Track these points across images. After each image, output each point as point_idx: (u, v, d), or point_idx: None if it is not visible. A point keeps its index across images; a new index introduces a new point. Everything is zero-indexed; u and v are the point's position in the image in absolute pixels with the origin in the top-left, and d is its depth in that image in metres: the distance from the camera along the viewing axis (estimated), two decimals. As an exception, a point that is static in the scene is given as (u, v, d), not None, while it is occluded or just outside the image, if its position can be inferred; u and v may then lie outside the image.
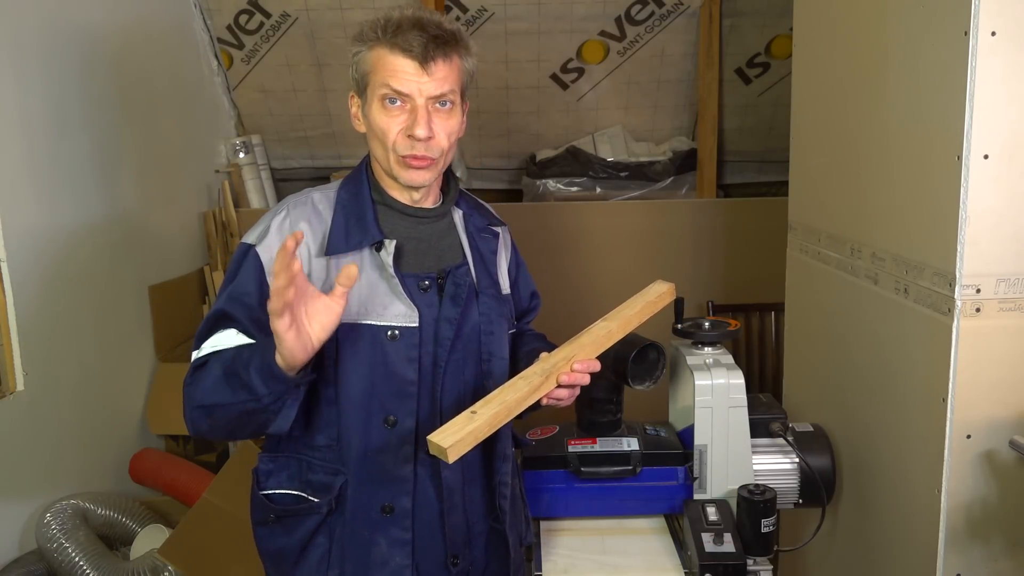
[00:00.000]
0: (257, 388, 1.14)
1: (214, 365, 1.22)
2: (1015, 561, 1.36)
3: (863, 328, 1.66)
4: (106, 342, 2.54)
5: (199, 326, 1.30)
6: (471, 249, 1.39)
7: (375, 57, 1.26)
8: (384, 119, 1.27)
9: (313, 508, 1.31)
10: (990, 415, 1.33)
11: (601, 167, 3.40)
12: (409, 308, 1.28)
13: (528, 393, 1.22)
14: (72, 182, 2.40)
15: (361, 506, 1.30)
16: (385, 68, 1.25)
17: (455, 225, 1.40)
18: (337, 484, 1.30)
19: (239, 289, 1.27)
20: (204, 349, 1.26)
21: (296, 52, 3.26)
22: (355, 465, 1.29)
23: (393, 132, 1.27)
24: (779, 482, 1.53)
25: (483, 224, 1.44)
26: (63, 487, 2.26)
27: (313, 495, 1.31)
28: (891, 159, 1.52)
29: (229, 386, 1.18)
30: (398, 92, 1.25)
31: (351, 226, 1.30)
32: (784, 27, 3.15)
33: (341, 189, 1.36)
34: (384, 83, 1.25)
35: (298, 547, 1.32)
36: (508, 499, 1.38)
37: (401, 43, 1.23)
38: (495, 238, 1.45)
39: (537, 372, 1.26)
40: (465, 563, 1.37)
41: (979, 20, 1.23)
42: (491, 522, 1.40)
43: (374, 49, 1.26)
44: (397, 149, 1.28)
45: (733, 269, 3.32)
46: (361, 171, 1.38)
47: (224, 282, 1.31)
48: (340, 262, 1.27)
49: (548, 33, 3.18)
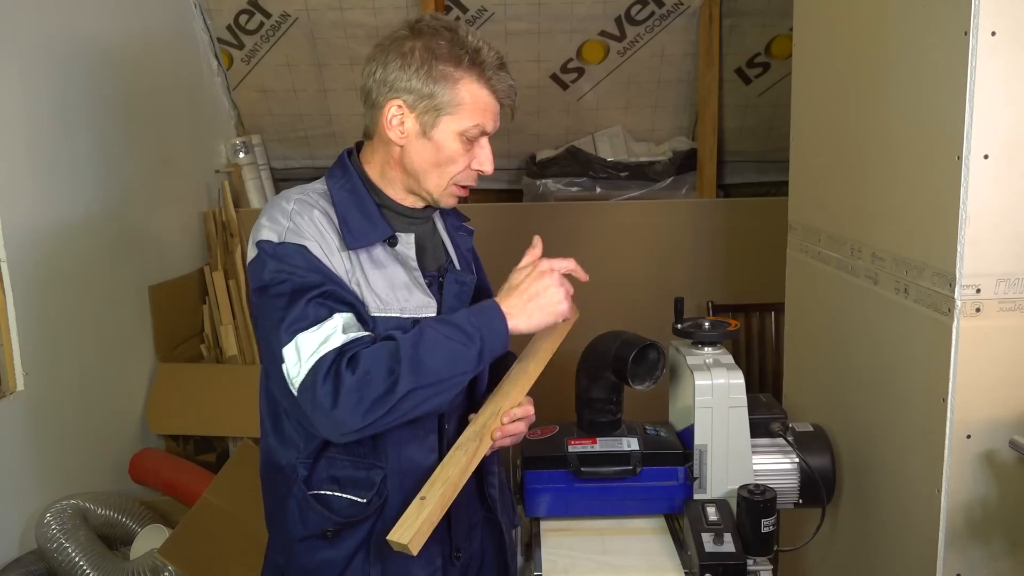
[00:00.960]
0: (478, 350, 1.18)
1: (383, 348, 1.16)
2: (1015, 561, 1.36)
3: (863, 328, 1.66)
4: (106, 342, 2.54)
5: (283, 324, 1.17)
6: (454, 248, 1.43)
7: (474, 92, 1.27)
8: (460, 151, 1.28)
9: (365, 510, 1.28)
10: (990, 415, 1.33)
11: (601, 167, 3.39)
12: (429, 298, 1.29)
13: (468, 462, 1.23)
14: (72, 182, 2.40)
15: (398, 502, 1.28)
16: (478, 105, 1.27)
17: (437, 226, 1.44)
18: (377, 479, 1.29)
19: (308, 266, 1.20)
20: (336, 340, 1.15)
21: (296, 52, 3.26)
22: (393, 459, 1.28)
23: (463, 164, 1.30)
24: (779, 482, 1.53)
25: (458, 223, 1.48)
26: (63, 487, 2.26)
27: (354, 493, 1.28)
28: (891, 159, 1.52)
29: (439, 352, 1.16)
30: (485, 133, 1.29)
31: (359, 222, 1.29)
32: (784, 27, 3.15)
33: (334, 189, 1.32)
34: (479, 123, 1.27)
35: (345, 560, 1.30)
36: (496, 487, 1.41)
37: (498, 85, 1.28)
38: (469, 235, 1.49)
39: (470, 437, 1.27)
40: (466, 556, 1.39)
41: (979, 20, 1.23)
42: (484, 512, 1.43)
43: (471, 83, 1.26)
44: (459, 180, 1.31)
45: (733, 269, 3.32)
46: (349, 169, 1.34)
47: (274, 285, 1.20)
48: (360, 256, 1.27)
49: (548, 33, 3.18)
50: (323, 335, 1.16)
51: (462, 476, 1.22)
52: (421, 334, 1.17)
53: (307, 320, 1.17)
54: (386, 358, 1.15)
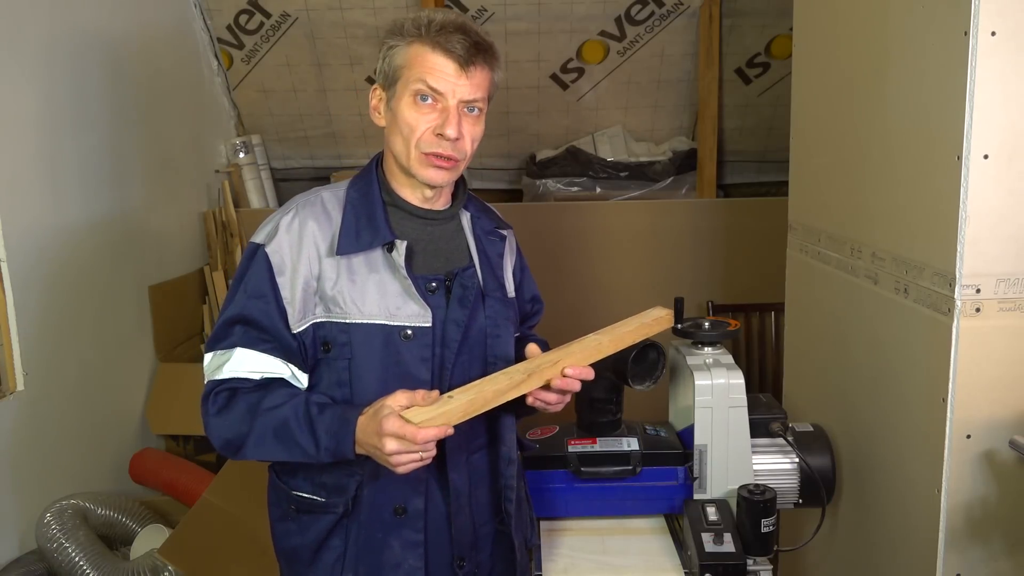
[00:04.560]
0: (325, 460, 1.21)
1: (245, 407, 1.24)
2: (1015, 561, 1.36)
3: (863, 328, 1.66)
4: (106, 342, 2.54)
5: (214, 328, 1.30)
6: (478, 252, 1.39)
7: (414, 53, 1.26)
8: (414, 114, 1.27)
9: (328, 507, 1.31)
10: (990, 415, 1.33)
11: (601, 167, 3.40)
12: (422, 308, 1.28)
13: (507, 388, 1.21)
14: (72, 182, 2.40)
15: (375, 507, 1.30)
16: (424, 65, 1.25)
17: (463, 227, 1.40)
18: (352, 485, 1.29)
19: (254, 290, 1.27)
20: (226, 372, 1.26)
21: (296, 52, 3.26)
22: (371, 466, 1.28)
23: (421, 128, 1.27)
24: (779, 482, 1.53)
25: (491, 227, 1.44)
26: (63, 487, 2.26)
27: (327, 496, 1.31)
28: (891, 159, 1.52)
29: (285, 448, 1.22)
30: (433, 90, 1.25)
31: (361, 226, 1.30)
32: (784, 27, 3.15)
33: (351, 188, 1.35)
34: (420, 79, 1.25)
35: (313, 547, 1.32)
36: (513, 502, 1.37)
37: (444, 43, 1.24)
38: (502, 241, 1.45)
39: (520, 369, 1.25)
40: (471, 566, 1.37)
41: (979, 20, 1.23)
42: (497, 524, 1.40)
43: (413, 45, 1.26)
44: (421, 145, 1.27)
45: (733, 269, 3.32)
46: (371, 171, 1.37)
47: (234, 283, 1.31)
48: (351, 262, 1.28)
49: (548, 33, 3.18)
50: (220, 362, 1.27)
51: (495, 397, 1.20)
52: (283, 422, 1.22)
53: (216, 342, 1.29)
54: (237, 424, 1.24)
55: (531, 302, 1.56)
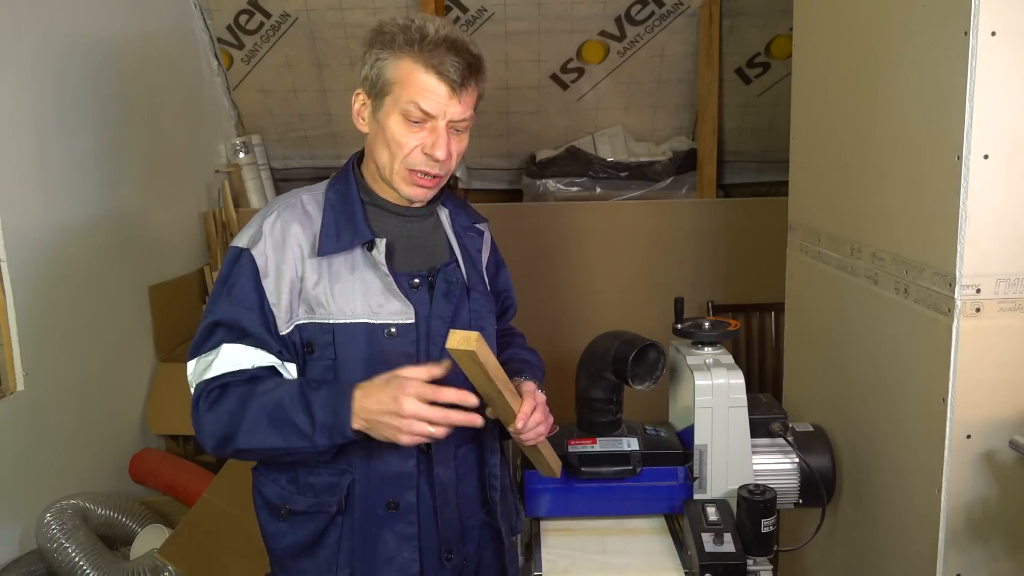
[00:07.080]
0: (319, 443, 1.19)
1: (237, 396, 1.23)
2: (1015, 561, 1.36)
3: (863, 328, 1.66)
4: (106, 342, 2.54)
5: (196, 335, 1.29)
6: (459, 247, 1.40)
7: (406, 71, 1.25)
8: (403, 131, 1.27)
9: (322, 507, 1.31)
10: (990, 415, 1.33)
11: (601, 167, 3.39)
12: (405, 305, 1.29)
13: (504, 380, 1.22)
14: (72, 182, 2.40)
15: (368, 503, 1.31)
16: (415, 85, 1.24)
17: (441, 223, 1.41)
18: (344, 484, 1.30)
19: (239, 294, 1.27)
20: (215, 369, 1.25)
21: (296, 52, 3.26)
22: (361, 463, 1.29)
23: (410, 146, 1.27)
24: (779, 482, 1.53)
25: (468, 223, 1.46)
26: (63, 487, 2.26)
27: (315, 496, 1.31)
28: (891, 159, 1.52)
29: (279, 432, 1.20)
30: (425, 113, 1.25)
31: (341, 226, 1.30)
32: (784, 27, 3.15)
33: (329, 190, 1.36)
34: (412, 100, 1.24)
35: (307, 545, 1.32)
36: (498, 490, 1.40)
37: (437, 64, 1.23)
38: (480, 236, 1.47)
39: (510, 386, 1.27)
40: (459, 558, 1.39)
41: (979, 20, 1.23)
42: (483, 516, 1.42)
43: (404, 61, 1.24)
44: (408, 163, 1.28)
45: (733, 269, 3.32)
46: (348, 171, 1.37)
47: (217, 287, 1.30)
48: (333, 262, 1.28)
49: (548, 33, 3.18)
50: (206, 363, 1.26)
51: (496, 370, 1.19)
52: (277, 403, 1.22)
53: (200, 347, 1.28)
54: (229, 413, 1.23)
55: (505, 297, 1.57)
